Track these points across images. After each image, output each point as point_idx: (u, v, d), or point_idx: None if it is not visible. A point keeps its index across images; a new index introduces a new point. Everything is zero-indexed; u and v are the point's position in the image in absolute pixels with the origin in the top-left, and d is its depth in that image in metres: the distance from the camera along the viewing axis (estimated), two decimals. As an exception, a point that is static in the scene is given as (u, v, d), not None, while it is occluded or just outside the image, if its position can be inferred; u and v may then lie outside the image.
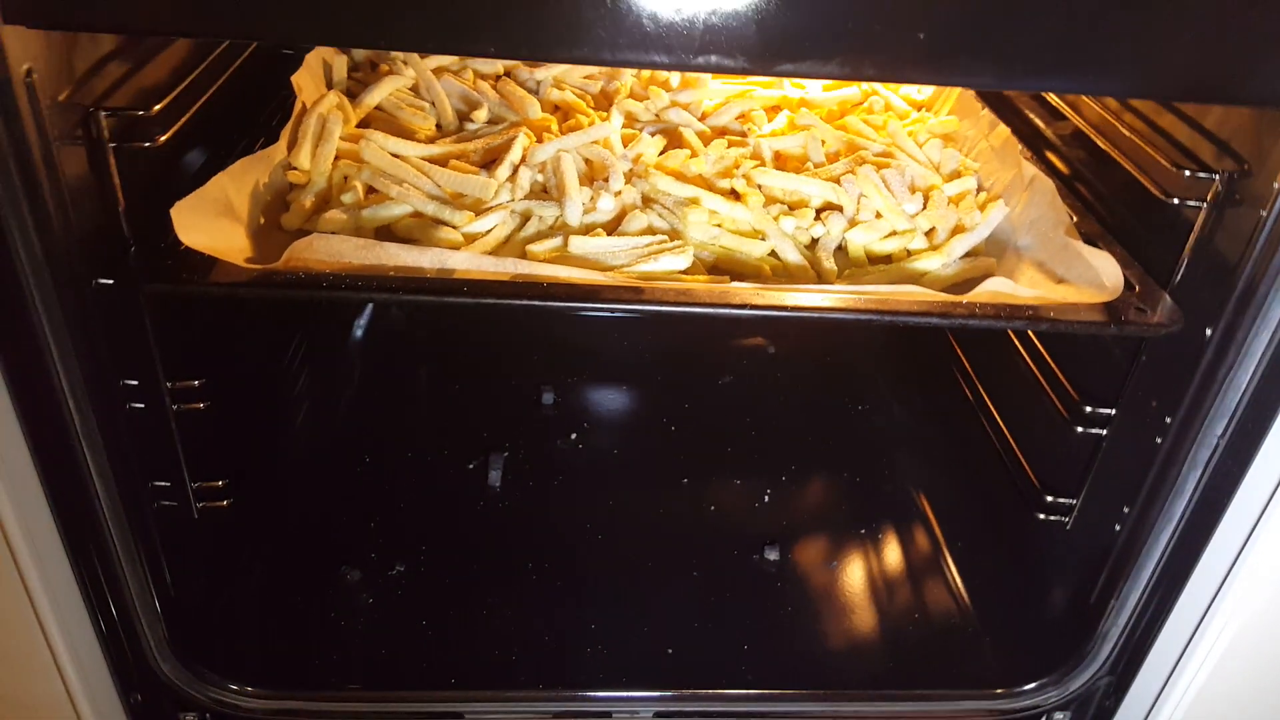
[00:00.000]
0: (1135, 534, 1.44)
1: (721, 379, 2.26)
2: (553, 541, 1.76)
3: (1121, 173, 1.45)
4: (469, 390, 2.15)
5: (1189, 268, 1.31)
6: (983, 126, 1.69)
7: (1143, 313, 1.26)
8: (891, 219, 1.42)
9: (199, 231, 1.18)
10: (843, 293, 1.23)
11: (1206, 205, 1.26)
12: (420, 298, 1.17)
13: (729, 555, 1.77)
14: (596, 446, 2.02)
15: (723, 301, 1.21)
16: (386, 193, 1.37)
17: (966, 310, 1.22)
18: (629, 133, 1.62)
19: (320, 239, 1.21)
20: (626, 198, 1.43)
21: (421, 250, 1.23)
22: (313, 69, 1.68)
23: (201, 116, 1.37)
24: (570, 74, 1.82)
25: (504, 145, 1.52)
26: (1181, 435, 1.33)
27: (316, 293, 1.16)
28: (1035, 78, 1.01)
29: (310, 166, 1.43)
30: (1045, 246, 1.38)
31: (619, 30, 0.96)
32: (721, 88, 1.82)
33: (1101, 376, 1.49)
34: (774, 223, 1.41)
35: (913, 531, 1.86)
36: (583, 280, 1.23)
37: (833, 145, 1.63)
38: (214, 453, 1.51)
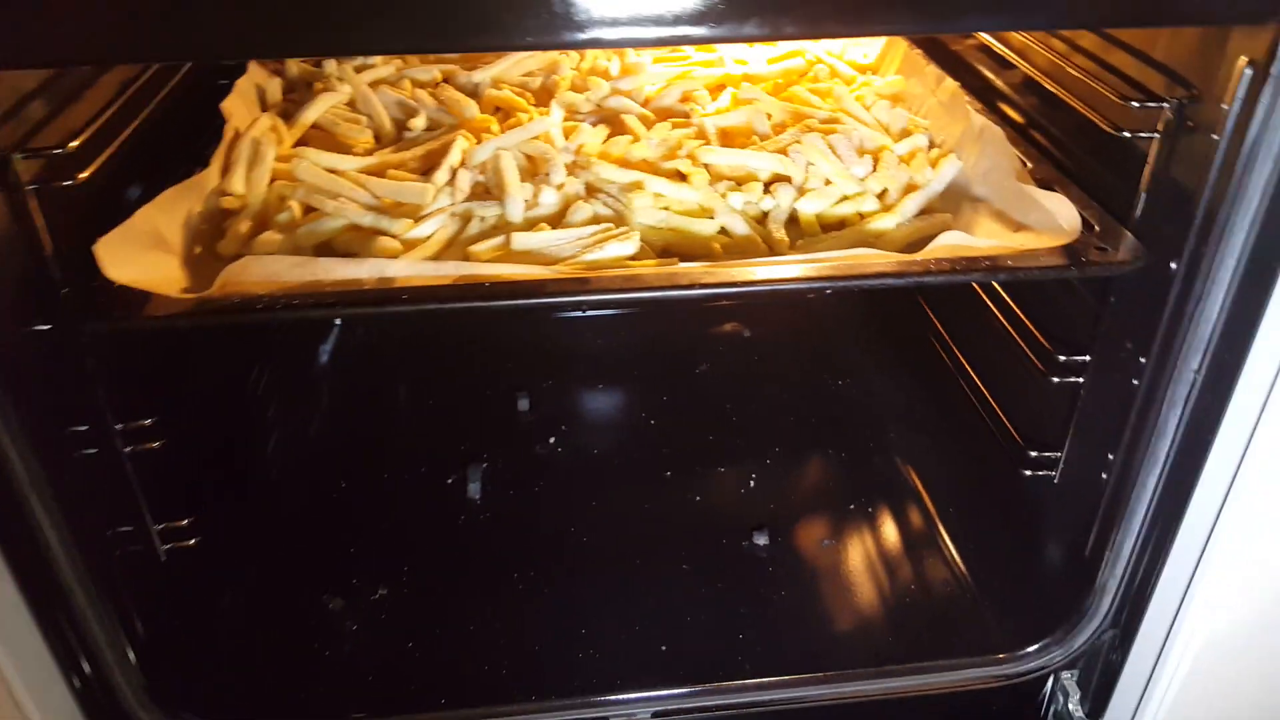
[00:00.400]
0: (1122, 480, 1.40)
1: (698, 368, 2.23)
2: (537, 548, 1.73)
3: (1073, 114, 1.41)
4: (442, 404, 2.12)
5: (1148, 202, 1.28)
6: (930, 83, 1.66)
7: (1104, 251, 1.23)
8: (841, 184, 1.39)
9: (129, 266, 1.15)
10: (794, 262, 1.20)
11: (1159, 136, 1.23)
12: (359, 310, 1.14)
13: (718, 544, 1.73)
14: (576, 448, 1.98)
15: (671, 283, 1.17)
16: (322, 208, 1.33)
17: (921, 267, 1.19)
18: (570, 125, 1.59)
19: (254, 261, 1.18)
20: (569, 189, 1.40)
21: (359, 262, 1.19)
22: (244, 93, 1.65)
23: (130, 150, 1.34)
24: (509, 73, 1.78)
25: (442, 150, 1.48)
26: (1157, 374, 1.30)
27: (252, 316, 1.13)
28: (956, 18, 0.98)
29: (245, 191, 1.39)
30: (1000, 195, 1.35)
31: (526, 13, 0.93)
32: (662, 71, 1.79)
33: (1073, 323, 1.46)
34: (722, 200, 1.38)
35: (903, 503, 1.82)
36: (526, 276, 1.20)
37: (778, 117, 1.60)
38: (176, 492, 1.47)
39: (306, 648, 1.53)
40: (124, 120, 1.34)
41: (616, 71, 1.79)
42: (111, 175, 1.31)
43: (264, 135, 1.50)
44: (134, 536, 1.42)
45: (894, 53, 1.82)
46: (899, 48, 1.81)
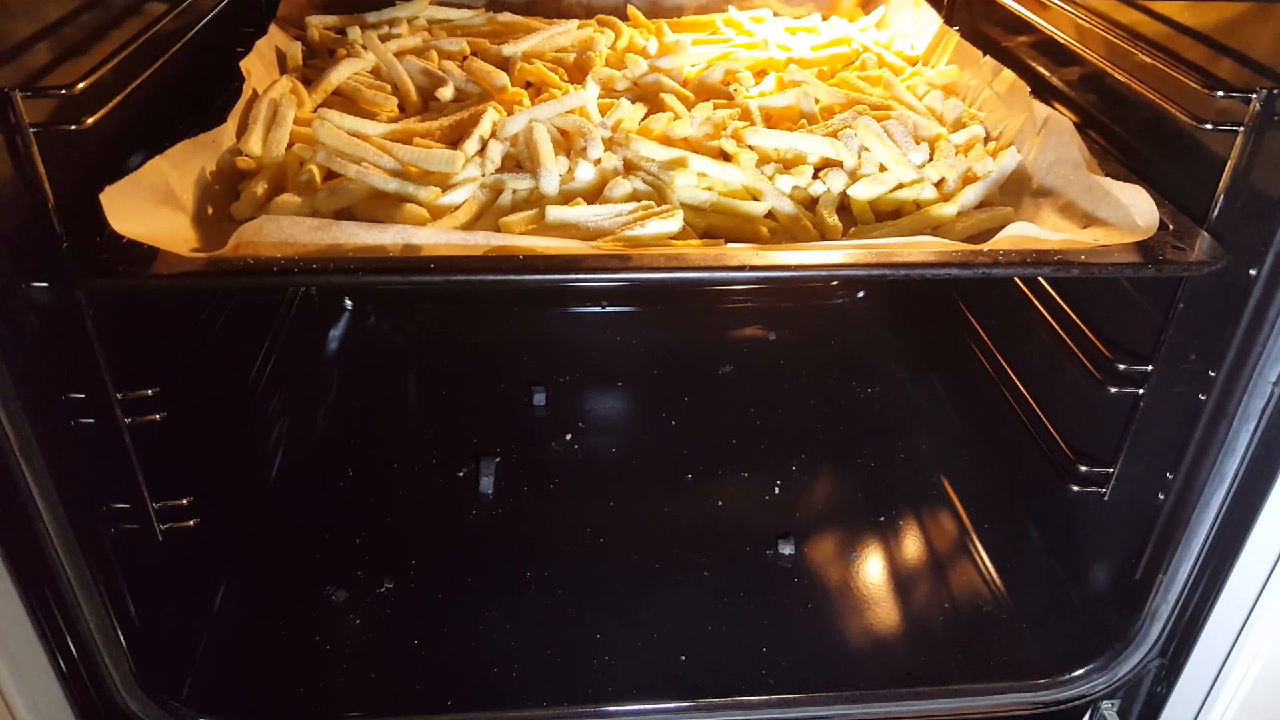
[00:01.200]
0: (1182, 500, 1.32)
1: (721, 369, 2.14)
2: (551, 548, 1.64)
3: (1141, 108, 1.33)
4: (456, 395, 2.03)
5: (1226, 202, 1.20)
6: (985, 74, 1.58)
7: (1180, 251, 1.14)
8: (897, 170, 1.31)
9: (136, 220, 1.06)
10: (852, 248, 1.12)
11: (1243, 130, 1.14)
12: (382, 278, 1.05)
13: (740, 552, 1.65)
14: (593, 446, 1.90)
15: (720, 264, 1.09)
16: (344, 173, 1.25)
17: (990, 258, 1.11)
18: (606, 102, 1.51)
19: (270, 221, 1.10)
20: (607, 165, 1.31)
21: (384, 228, 1.11)
22: (264, 55, 1.57)
23: (141, 100, 1.26)
24: (541, 47, 1.71)
25: (471, 120, 1.40)
26: (1229, 387, 1.21)
27: (268, 279, 1.05)
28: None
29: (262, 152, 1.31)
30: (1068, 188, 1.27)
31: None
32: (703, 51, 1.71)
33: (1133, 330, 1.38)
34: (769, 181, 1.30)
35: (936, 515, 1.74)
36: (563, 250, 1.11)
37: (826, 100, 1.52)
38: (177, 468, 1.38)
39: (306, 640, 1.45)
40: (135, 70, 1.26)
41: (654, 50, 1.71)
42: (122, 125, 1.23)
43: (284, 96, 1.42)
44: (130, 514, 1.33)
45: (944, 45, 1.74)
46: (950, 40, 1.73)
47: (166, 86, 1.39)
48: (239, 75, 1.46)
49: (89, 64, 1.18)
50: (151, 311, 1.32)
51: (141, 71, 1.28)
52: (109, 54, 1.21)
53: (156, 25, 1.39)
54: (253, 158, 1.31)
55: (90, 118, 1.10)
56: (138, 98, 1.26)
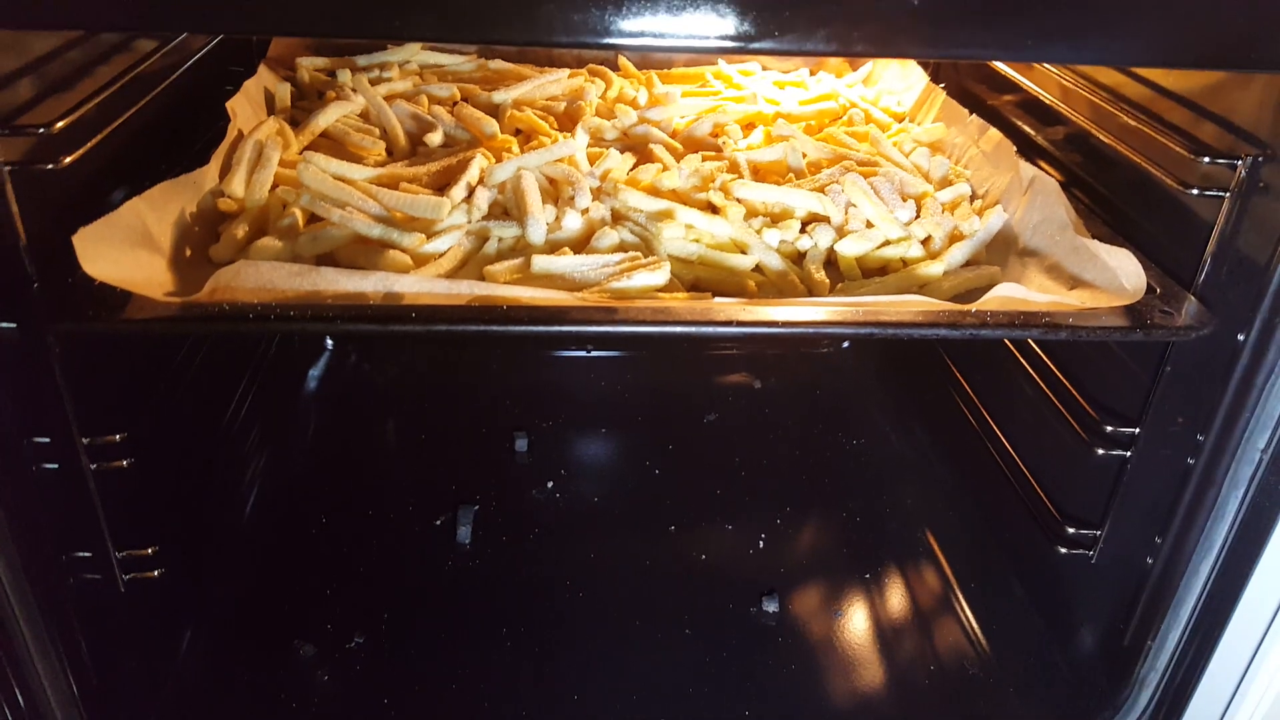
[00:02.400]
0: (1171, 566, 1.30)
1: (706, 417, 2.12)
2: (529, 602, 1.60)
3: (1127, 169, 1.34)
4: (435, 440, 2.00)
5: (1213, 266, 1.19)
6: (971, 132, 1.58)
7: (1168, 315, 1.14)
8: (884, 227, 1.30)
9: (109, 263, 1.04)
10: (840, 305, 1.10)
11: (1229, 195, 1.15)
12: (362, 327, 1.03)
13: (724, 609, 1.61)
14: (574, 495, 1.87)
15: (707, 319, 1.07)
16: (328, 217, 1.23)
17: (977, 319, 1.10)
18: (595, 151, 1.50)
19: (249, 266, 1.08)
20: (594, 215, 1.30)
21: (365, 275, 1.09)
22: (252, 96, 1.56)
23: (122, 141, 1.24)
24: (531, 95, 1.71)
25: (459, 166, 1.39)
26: (1218, 452, 1.20)
27: (242, 326, 1.02)
28: (1041, 47, 0.90)
29: (244, 194, 1.30)
30: (1054, 249, 1.27)
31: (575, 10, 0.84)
32: (692, 103, 1.71)
33: (1120, 391, 1.37)
34: (757, 235, 1.29)
35: (922, 573, 1.71)
36: (548, 301, 1.09)
37: (814, 155, 1.52)
38: (143, 515, 1.34)
39: (273, 698, 1.39)
40: (118, 109, 1.24)
41: (644, 101, 1.71)
42: (100, 165, 1.21)
43: (270, 138, 1.40)
44: (91, 564, 1.28)
45: (931, 101, 1.75)
46: (936, 97, 1.74)
47: (151, 125, 1.37)
48: (226, 115, 1.45)
49: (72, 100, 1.16)
50: (123, 355, 1.29)
51: (125, 110, 1.27)
52: (92, 92, 1.20)
53: (144, 63, 1.37)
54: (235, 199, 1.29)
55: (68, 157, 1.08)
56: (120, 136, 1.24)
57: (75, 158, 1.09)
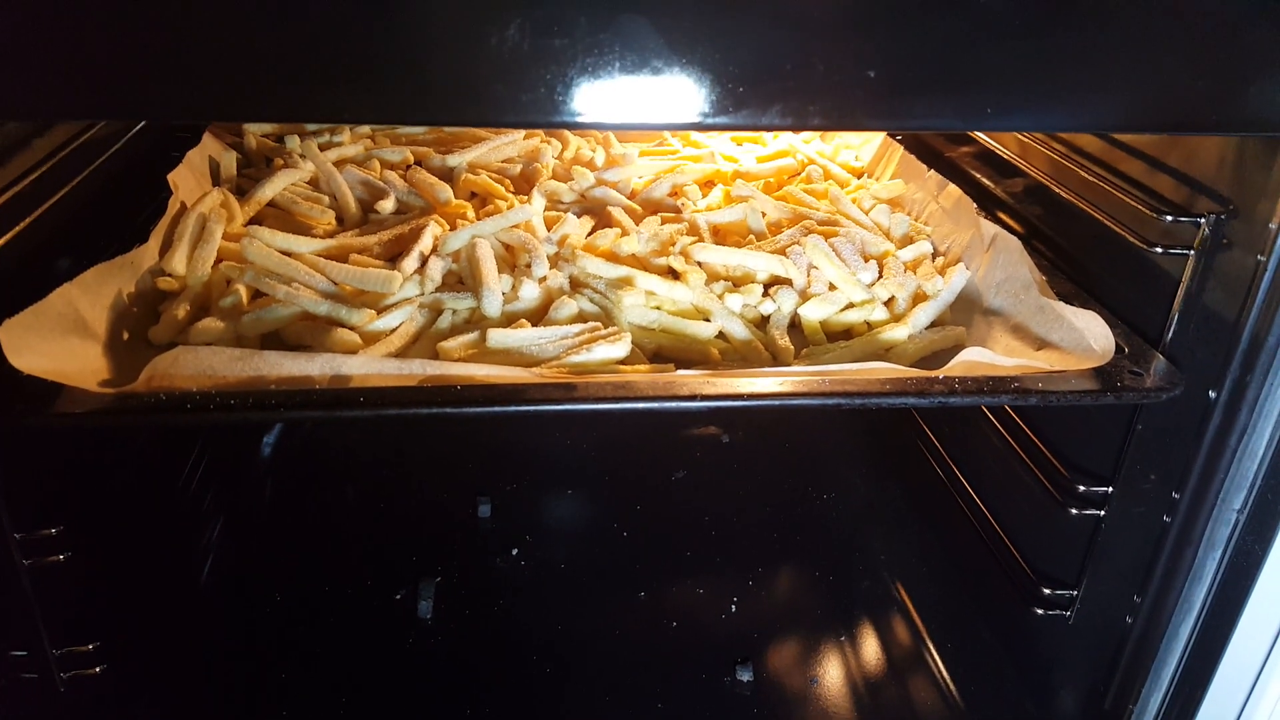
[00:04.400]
0: (1151, 626, 1.27)
1: (674, 474, 2.08)
2: (494, 679, 1.54)
3: (1089, 225, 1.33)
4: (394, 507, 1.94)
5: (1180, 324, 1.18)
6: (930, 188, 1.58)
7: (1138, 376, 1.12)
8: (847, 290, 1.28)
9: (38, 354, 0.98)
10: (805, 375, 1.07)
11: (1194, 253, 1.14)
12: (308, 414, 0.98)
13: (697, 679, 1.56)
14: (540, 561, 1.81)
15: (670, 393, 1.04)
16: (272, 294, 1.19)
17: (945, 387, 1.07)
18: (552, 215, 1.47)
19: (187, 352, 1.02)
20: (552, 283, 1.27)
21: (310, 357, 1.04)
22: (196, 166, 1.51)
23: (57, 221, 1.19)
24: (486, 158, 1.68)
25: (412, 234, 1.35)
26: (1193, 513, 1.18)
27: (180, 418, 0.96)
28: (1002, 116, 0.88)
29: (185, 272, 1.25)
30: (1019, 309, 1.25)
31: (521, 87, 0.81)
32: (650, 164, 1.69)
33: (1091, 450, 1.35)
34: (719, 301, 1.26)
35: (896, 634, 1.67)
36: (504, 379, 1.05)
37: (773, 215, 1.50)
38: (82, 611, 1.27)
39: (221, 799, 1.32)
40: (53, 187, 1.19)
41: (601, 162, 1.69)
42: (32, 248, 1.15)
43: (213, 211, 1.36)
44: (28, 663, 1.21)
45: (889, 156, 1.75)
46: (894, 151, 1.74)
47: (91, 198, 1.32)
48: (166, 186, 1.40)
49: (5, 178, 1.11)
50: (59, 446, 1.22)
51: (62, 185, 1.22)
52: (24, 170, 1.15)
53: (84, 134, 1.33)
54: (176, 278, 1.24)
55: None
56: (58, 212, 1.19)
57: (4, 241, 1.04)
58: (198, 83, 0.81)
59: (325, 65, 0.80)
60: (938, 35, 0.82)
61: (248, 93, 0.82)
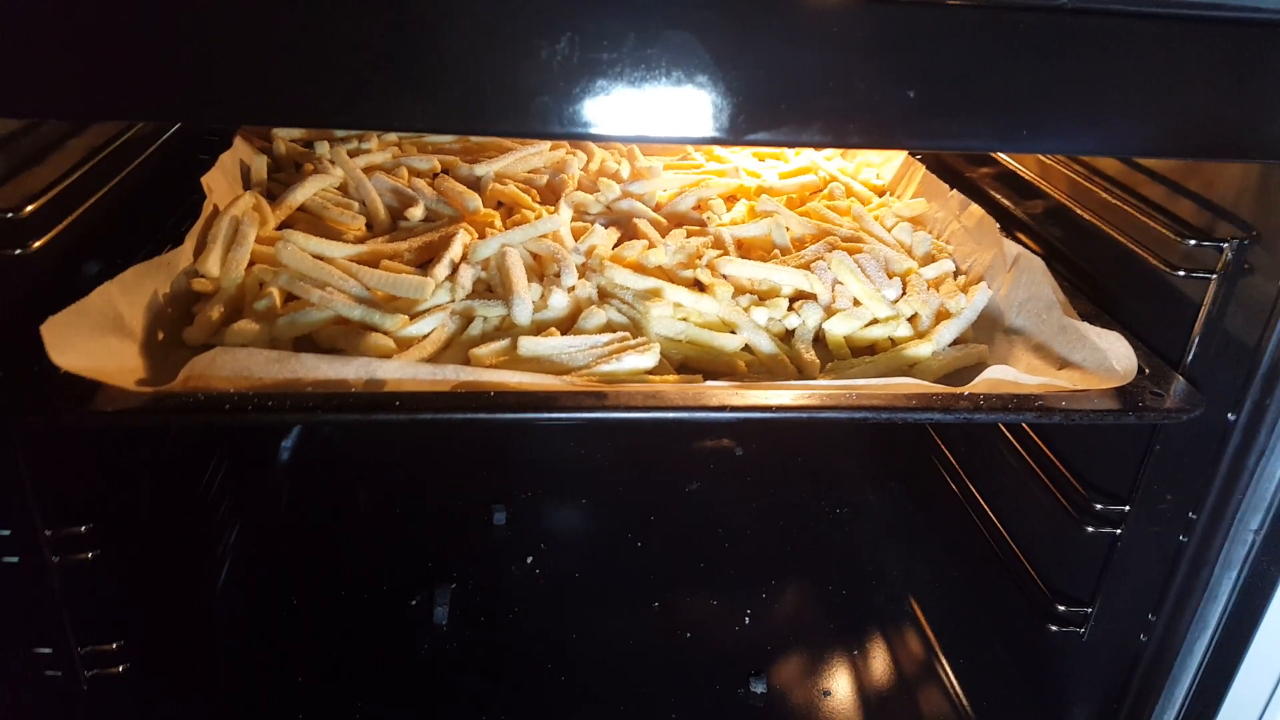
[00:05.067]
0: (1166, 645, 1.28)
1: (688, 486, 2.09)
2: (509, 685, 1.55)
3: (1110, 246, 1.35)
4: (411, 514, 1.95)
5: (1201, 347, 1.20)
6: (952, 208, 1.60)
7: (1158, 397, 1.14)
8: (872, 306, 1.30)
9: (79, 352, 1.00)
10: (832, 388, 1.09)
11: (1216, 277, 1.15)
12: (343, 417, 0.99)
13: (711, 690, 1.57)
14: (555, 570, 1.82)
15: (699, 404, 1.05)
16: (306, 298, 1.20)
17: (970, 404, 1.09)
18: (579, 225, 1.49)
19: (225, 353, 1.04)
20: (581, 293, 1.29)
21: (345, 360, 1.06)
22: (228, 169, 1.53)
23: (94, 221, 1.21)
24: (513, 168, 1.70)
25: (442, 242, 1.37)
26: (1210, 533, 1.20)
27: (218, 417, 0.98)
28: (1036, 139, 0.90)
29: (219, 274, 1.26)
30: (1041, 329, 1.27)
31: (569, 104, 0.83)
32: (675, 177, 1.71)
33: (1109, 468, 1.36)
34: (745, 314, 1.28)
35: (910, 648, 1.68)
36: (536, 386, 1.07)
37: (797, 231, 1.52)
38: (107, 610, 1.28)
39: (239, 799, 1.33)
40: (90, 188, 1.21)
41: (626, 175, 1.71)
42: (70, 248, 1.17)
43: (246, 214, 1.38)
44: (52, 660, 1.22)
45: (910, 175, 1.77)
46: (916, 171, 1.76)
47: (124, 201, 1.34)
48: (201, 188, 1.42)
49: (42, 179, 1.13)
50: (91, 444, 1.24)
51: (98, 188, 1.24)
52: (63, 172, 1.17)
53: (119, 138, 1.35)
54: (210, 280, 1.25)
55: (38, 240, 1.05)
56: (93, 215, 1.21)
57: (44, 242, 1.06)
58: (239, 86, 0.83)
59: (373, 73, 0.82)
60: (976, 57, 0.83)
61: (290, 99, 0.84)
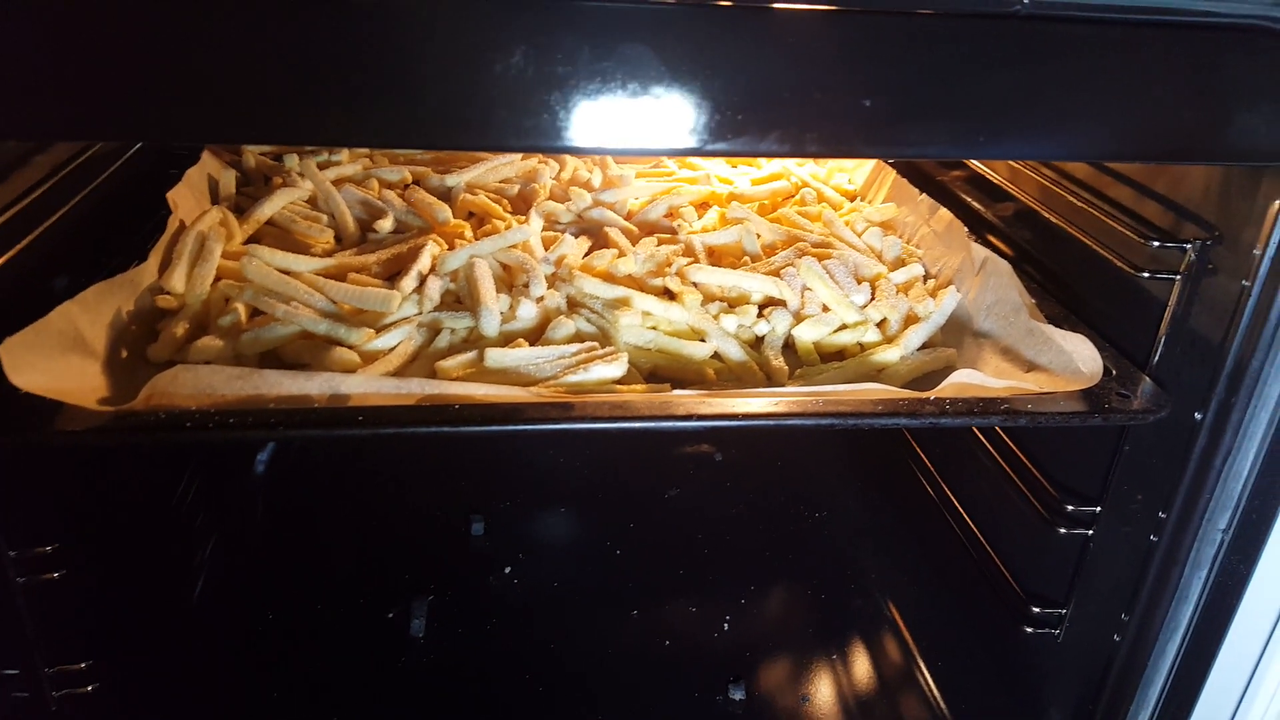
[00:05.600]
0: (1139, 644, 1.29)
1: (667, 492, 2.09)
2: (487, 698, 1.54)
3: (1078, 249, 1.35)
4: (387, 525, 1.94)
5: (1167, 347, 1.20)
6: (922, 212, 1.60)
7: (1125, 399, 1.14)
8: (840, 311, 1.30)
9: (39, 372, 0.99)
10: (799, 395, 1.09)
11: (1180, 278, 1.16)
12: (306, 433, 0.99)
13: (689, 698, 1.57)
14: (534, 580, 1.82)
15: (666, 413, 1.05)
16: (271, 313, 1.20)
17: (936, 408, 1.09)
18: (550, 235, 1.49)
19: (187, 370, 1.03)
20: (550, 303, 1.28)
21: (309, 376, 1.05)
22: (194, 184, 1.52)
23: (56, 239, 1.20)
24: (484, 178, 1.69)
25: (410, 254, 1.37)
26: (1179, 533, 1.20)
27: (179, 436, 0.97)
28: (994, 144, 0.91)
29: (184, 290, 1.25)
30: (1008, 331, 1.27)
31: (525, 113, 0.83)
32: (646, 186, 1.71)
33: (1080, 470, 1.37)
34: (714, 322, 1.28)
35: (888, 652, 1.68)
36: (502, 398, 1.07)
37: (768, 238, 1.52)
38: (75, 629, 1.27)
39: (213, 818, 1.32)
40: (52, 206, 1.20)
41: (598, 183, 1.70)
42: (31, 267, 1.16)
43: (212, 229, 1.37)
44: (19, 681, 1.21)
45: (881, 180, 1.77)
46: (887, 175, 1.76)
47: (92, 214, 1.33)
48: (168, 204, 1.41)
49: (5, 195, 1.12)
50: (56, 463, 1.23)
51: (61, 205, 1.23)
52: (23, 190, 1.16)
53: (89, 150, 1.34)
54: (175, 296, 1.24)
55: None
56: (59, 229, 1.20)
57: (3, 261, 1.05)
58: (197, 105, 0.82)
59: (328, 89, 0.81)
60: (931, 64, 0.84)
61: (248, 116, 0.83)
